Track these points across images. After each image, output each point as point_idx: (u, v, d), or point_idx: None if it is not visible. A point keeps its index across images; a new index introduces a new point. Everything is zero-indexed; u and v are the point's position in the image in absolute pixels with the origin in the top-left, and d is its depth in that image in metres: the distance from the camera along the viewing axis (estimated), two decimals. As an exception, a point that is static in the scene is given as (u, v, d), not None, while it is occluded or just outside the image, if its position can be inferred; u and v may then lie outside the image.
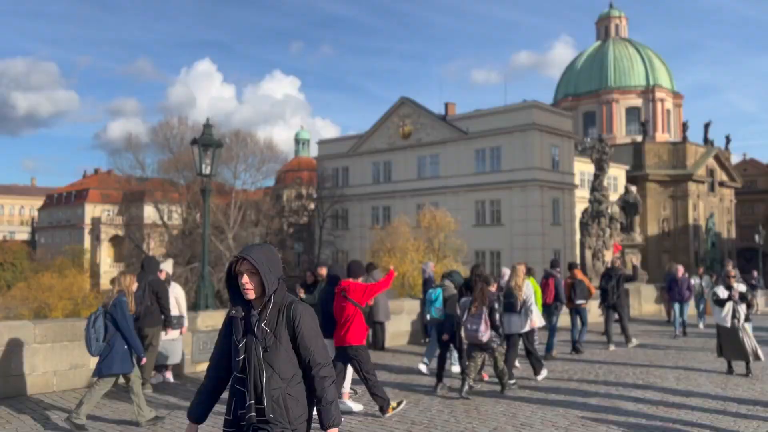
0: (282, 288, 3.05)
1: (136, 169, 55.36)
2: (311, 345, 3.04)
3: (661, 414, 7.40)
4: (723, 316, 10.08)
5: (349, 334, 7.08)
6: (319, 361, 3.04)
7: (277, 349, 2.99)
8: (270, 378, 2.97)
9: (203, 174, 11.17)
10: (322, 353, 3.07)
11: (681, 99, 69.90)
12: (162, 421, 6.83)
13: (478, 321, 8.16)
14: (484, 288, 8.40)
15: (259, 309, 3.03)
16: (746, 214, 73.95)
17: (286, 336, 3.01)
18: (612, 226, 24.62)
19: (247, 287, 2.98)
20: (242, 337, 3.03)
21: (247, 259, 2.97)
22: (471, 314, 8.25)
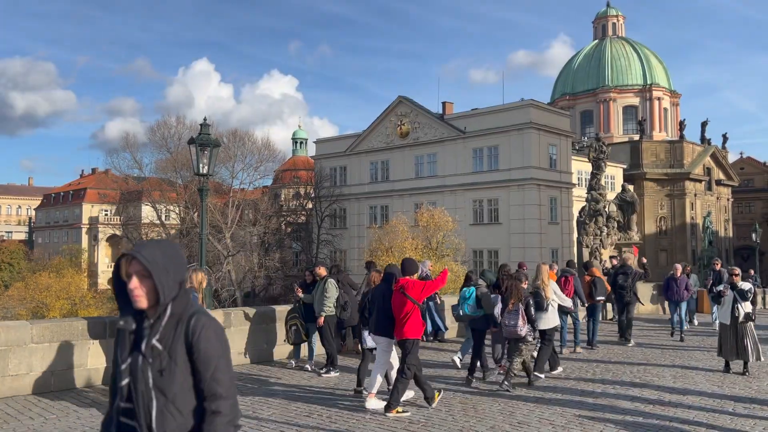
0: (184, 296, 2.46)
1: (133, 169, 55.38)
2: (210, 369, 2.36)
3: (658, 412, 7.43)
4: (723, 315, 10.09)
5: (406, 327, 7.38)
6: (217, 391, 2.36)
7: (173, 372, 2.35)
8: (162, 410, 2.33)
9: (200, 173, 11.17)
10: (225, 382, 2.39)
11: (678, 98, 70.01)
12: None
13: (516, 317, 8.65)
14: (518, 285, 8.88)
15: (152, 321, 2.42)
16: (743, 213, 74.12)
17: (183, 356, 2.38)
18: (609, 225, 24.66)
19: (136, 293, 2.37)
20: (127, 356, 2.42)
21: (136, 259, 2.36)
22: (508, 311, 8.76)
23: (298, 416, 7.19)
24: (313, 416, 7.19)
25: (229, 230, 47.51)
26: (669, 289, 14.89)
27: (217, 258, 46.10)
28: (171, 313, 2.41)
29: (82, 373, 8.50)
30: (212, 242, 44.86)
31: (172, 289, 2.40)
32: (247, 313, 10.67)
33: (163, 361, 2.35)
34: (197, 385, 2.39)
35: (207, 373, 2.37)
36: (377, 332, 7.73)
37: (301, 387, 8.85)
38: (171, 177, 52.63)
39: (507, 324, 8.75)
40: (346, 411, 7.44)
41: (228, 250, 46.55)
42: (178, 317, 2.42)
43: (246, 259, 48.82)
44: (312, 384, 9.06)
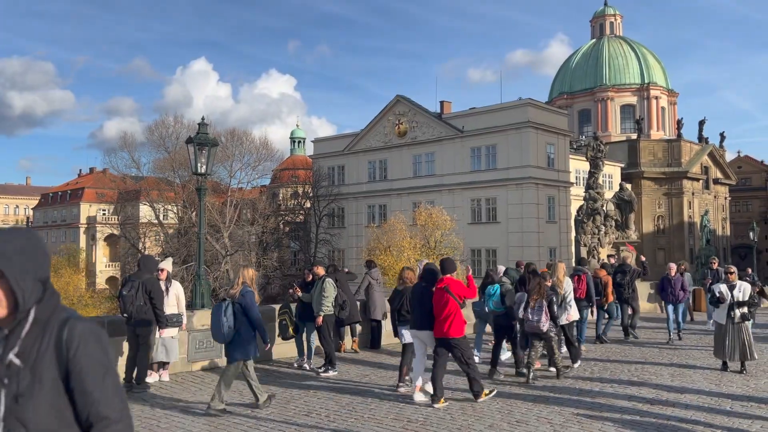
0: (51, 298, 1.94)
1: (131, 168, 55.31)
2: (95, 388, 1.86)
3: (656, 411, 7.44)
4: (719, 314, 10.13)
5: (452, 327, 7.64)
6: (105, 413, 1.85)
7: (36, 395, 1.83)
8: None
9: (199, 173, 11.17)
10: (115, 402, 1.88)
11: (676, 96, 70.07)
12: (274, 398, 7.72)
13: (540, 313, 9.08)
14: (542, 283, 9.32)
15: (7, 331, 1.88)
16: (741, 212, 74.24)
17: (52, 374, 1.86)
18: (607, 224, 24.69)
19: None
20: None
21: None
22: (531, 307, 9.16)
23: (297, 415, 7.20)
24: (311, 415, 7.20)
25: (227, 230, 47.47)
26: (664, 289, 14.07)
27: (215, 257, 46.06)
28: (34, 319, 1.89)
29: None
30: (210, 242, 44.82)
31: (33, 290, 1.87)
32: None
33: (23, 382, 1.82)
34: (77, 410, 1.86)
35: (92, 394, 1.85)
36: (420, 327, 8.00)
37: (299, 386, 8.85)
38: (169, 176, 52.58)
39: (530, 319, 9.10)
40: (345, 410, 7.45)
41: (226, 249, 46.51)
42: (44, 324, 1.89)
43: (244, 259, 48.76)
44: (311, 383, 9.07)
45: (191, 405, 7.66)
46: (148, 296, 8.34)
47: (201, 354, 9.92)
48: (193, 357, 9.83)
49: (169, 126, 52.72)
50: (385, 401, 7.89)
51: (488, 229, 44.12)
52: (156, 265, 9.07)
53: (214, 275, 43.42)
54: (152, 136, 52.85)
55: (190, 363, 9.80)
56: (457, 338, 7.65)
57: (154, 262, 9.25)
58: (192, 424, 6.80)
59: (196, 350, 9.86)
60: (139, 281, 8.40)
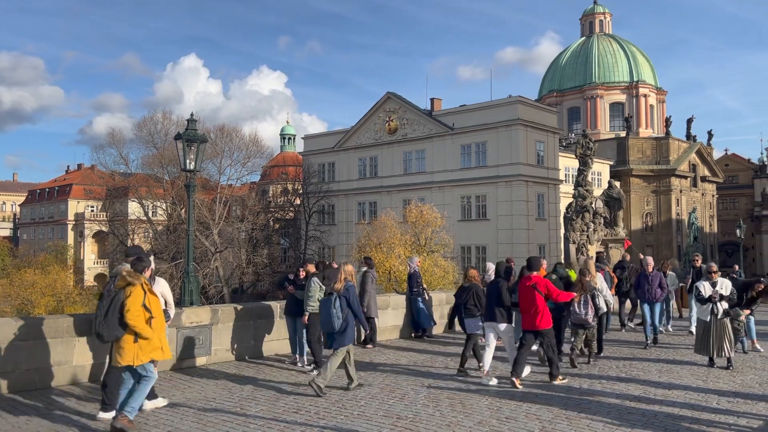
0: None
1: (119, 165, 54.98)
2: None
3: (644, 407, 7.50)
4: (703, 310, 10.24)
5: (543, 320, 8.88)
6: None
7: None
8: None
9: (187, 169, 11.09)
10: None
11: (664, 95, 70.50)
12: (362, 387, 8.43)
13: (587, 306, 10.33)
14: (584, 279, 10.60)
15: None
16: (728, 209, 74.85)
17: None
18: (596, 221, 24.81)
19: None
20: None
21: None
22: (578, 301, 10.30)
23: (286, 412, 7.19)
24: (301, 413, 7.19)
25: (217, 226, 47.27)
26: (640, 286, 12.72)
27: (204, 254, 45.88)
28: None
29: (67, 370, 8.43)
30: (200, 238, 44.63)
31: None
32: (234, 310, 10.64)
33: None
34: None
35: None
36: (499, 320, 9.14)
37: (289, 383, 8.84)
38: (158, 173, 52.32)
39: (578, 312, 10.35)
40: (335, 407, 7.45)
41: (215, 246, 46.31)
42: None
43: (234, 256, 48.64)
44: (300, 380, 9.06)
45: (180, 402, 7.63)
46: None
47: (189, 351, 9.87)
48: (182, 354, 9.78)
49: (158, 122, 52.47)
50: (374, 399, 7.90)
51: (478, 226, 44.24)
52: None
53: (203, 272, 43.26)
54: (141, 132, 52.58)
55: (178, 360, 9.75)
56: (546, 329, 8.92)
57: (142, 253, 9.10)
58: (180, 422, 6.77)
59: (184, 348, 9.81)
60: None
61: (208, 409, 7.32)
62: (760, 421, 6.92)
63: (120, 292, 6.34)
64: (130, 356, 6.26)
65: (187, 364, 9.85)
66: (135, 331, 6.23)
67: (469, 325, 9.79)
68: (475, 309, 9.60)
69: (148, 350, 6.32)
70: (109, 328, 6.23)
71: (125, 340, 6.28)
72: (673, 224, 56.51)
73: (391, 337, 13.43)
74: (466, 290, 9.88)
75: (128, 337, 6.27)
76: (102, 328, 6.23)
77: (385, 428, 6.56)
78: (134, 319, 6.21)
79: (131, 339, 6.26)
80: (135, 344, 6.26)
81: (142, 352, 6.28)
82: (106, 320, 6.24)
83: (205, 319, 10.13)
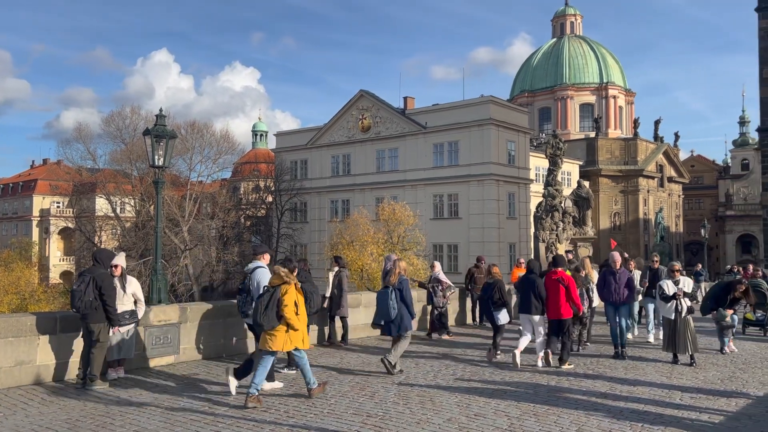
0: None
1: (87, 160, 53.89)
2: None
3: (610, 403, 7.63)
4: (668, 309, 10.45)
5: (563, 309, 10.01)
6: None
7: None
8: None
9: (156, 165, 10.95)
10: None
11: (633, 96, 71.78)
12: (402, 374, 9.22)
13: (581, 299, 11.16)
14: (577, 275, 11.58)
15: None
16: (693, 209, 76.62)
17: None
18: (565, 220, 25.16)
19: None
20: None
21: None
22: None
23: (255, 411, 7.14)
24: (270, 411, 7.15)
25: (187, 223, 46.67)
26: (606, 286, 11.34)
27: (173, 252, 45.25)
28: None
29: (31, 369, 8.25)
30: (169, 236, 44.02)
31: None
32: (203, 308, 10.52)
33: None
34: None
35: None
36: (533, 312, 10.20)
37: (258, 382, 8.76)
38: (126, 169, 51.41)
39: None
40: (305, 406, 7.42)
41: (185, 243, 45.72)
42: None
43: (204, 253, 48.09)
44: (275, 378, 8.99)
45: (147, 402, 7.52)
46: (98, 291, 8.09)
47: (158, 350, 9.74)
48: (150, 353, 9.65)
49: (127, 117, 51.56)
50: (345, 397, 7.89)
51: (450, 224, 44.50)
52: (111, 259, 8.82)
53: (172, 270, 42.66)
54: (108, 127, 51.63)
55: (146, 359, 9.61)
56: (568, 318, 10.09)
57: (110, 255, 9.00)
58: (148, 422, 6.68)
59: (152, 346, 9.67)
60: (91, 276, 8.16)
61: (176, 408, 7.23)
62: (721, 417, 7.10)
63: (276, 289, 7.46)
64: (280, 343, 7.47)
65: (155, 363, 9.72)
66: (287, 323, 7.42)
67: (497, 317, 10.90)
68: (501, 302, 10.88)
69: (295, 339, 7.55)
70: (269, 319, 7.36)
71: (279, 329, 7.45)
72: (640, 224, 57.61)
73: (362, 335, 13.43)
74: (491, 286, 11.09)
75: (281, 327, 7.45)
76: (263, 318, 7.37)
77: (354, 426, 6.56)
78: (289, 313, 7.40)
79: (283, 329, 7.46)
80: (286, 334, 7.48)
81: (290, 341, 7.52)
82: (266, 312, 7.37)
83: (173, 317, 10.00)
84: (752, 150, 70.81)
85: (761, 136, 33.09)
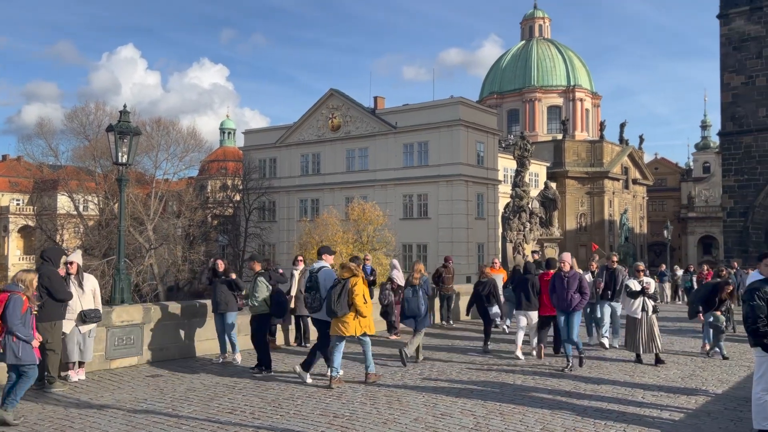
0: None
1: (48, 157, 52.51)
2: None
3: (574, 402, 7.73)
4: (634, 309, 10.53)
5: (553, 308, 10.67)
6: None
7: None
8: None
9: (120, 163, 10.73)
10: None
11: (599, 99, 73.00)
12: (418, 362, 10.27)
13: None
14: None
15: None
16: (657, 211, 78.21)
17: None
18: (532, 221, 25.42)
19: None
20: None
21: None
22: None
23: (221, 413, 7.04)
24: (235, 413, 7.06)
25: (152, 222, 45.88)
26: (555, 290, 10.17)
27: (138, 251, 44.45)
28: None
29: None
30: (133, 234, 43.22)
31: None
32: (168, 308, 10.34)
33: None
34: None
35: None
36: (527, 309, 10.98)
37: (224, 384, 8.66)
38: (90, 166, 50.23)
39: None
40: (270, 407, 7.35)
41: (150, 242, 44.95)
42: None
43: (169, 253, 47.32)
44: (236, 380, 8.90)
45: (108, 404, 7.36)
46: (46, 290, 7.83)
47: (120, 351, 9.54)
48: (111, 354, 9.44)
49: (91, 113, 50.38)
50: (311, 397, 7.84)
51: (419, 224, 44.65)
52: (60, 256, 8.54)
53: (137, 269, 41.90)
54: (72, 123, 50.36)
55: (108, 360, 9.41)
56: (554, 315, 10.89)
57: (60, 253, 8.72)
58: (109, 424, 6.52)
59: (114, 347, 9.47)
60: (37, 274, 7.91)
61: (138, 410, 7.09)
62: (681, 414, 7.25)
63: (347, 281, 8.41)
64: (351, 329, 8.46)
65: (117, 364, 9.52)
66: (357, 310, 8.41)
67: (490, 311, 12.24)
68: (494, 299, 12.32)
69: (363, 325, 8.58)
70: (341, 307, 8.35)
71: (349, 317, 8.43)
72: (605, 225, 58.61)
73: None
74: (484, 284, 12.40)
75: (351, 314, 8.44)
76: (336, 306, 8.33)
77: (320, 427, 6.51)
78: (359, 301, 8.40)
79: (353, 316, 8.45)
80: (355, 320, 8.45)
81: (359, 327, 8.52)
82: (339, 301, 8.34)
83: (136, 317, 9.80)
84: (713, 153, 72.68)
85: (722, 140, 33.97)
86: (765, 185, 30.99)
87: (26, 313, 6.67)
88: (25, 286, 6.77)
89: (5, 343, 6.56)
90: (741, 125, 31.76)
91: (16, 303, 6.58)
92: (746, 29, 31.66)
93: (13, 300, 6.58)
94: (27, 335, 6.61)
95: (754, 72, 31.38)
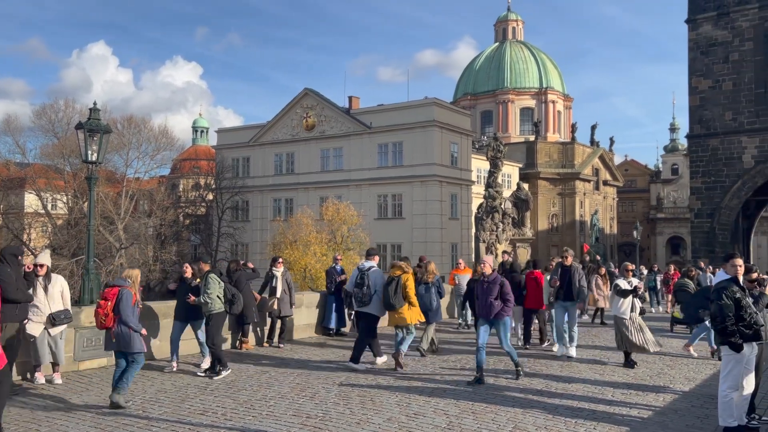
0: None
1: (15, 154, 51.29)
2: None
3: (545, 401, 7.83)
4: (622, 309, 10.19)
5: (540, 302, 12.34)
6: None
7: None
8: None
9: (89, 161, 10.54)
10: None
11: (571, 101, 73.99)
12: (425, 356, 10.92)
13: None
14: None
15: None
16: (626, 212, 79.48)
17: None
18: (505, 221, 25.68)
19: None
20: None
21: None
22: None
23: (192, 414, 6.97)
24: (207, 414, 6.99)
25: (122, 221, 45.15)
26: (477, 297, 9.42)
27: (108, 250, 43.69)
28: None
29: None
30: (103, 234, 42.49)
31: None
32: (138, 309, 10.16)
33: None
34: None
35: None
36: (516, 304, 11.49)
37: (195, 385, 8.57)
38: (58, 164, 49.22)
39: None
40: (243, 408, 7.29)
41: (120, 242, 44.23)
42: None
43: (140, 252, 46.60)
44: (208, 381, 8.81)
45: (76, 406, 7.23)
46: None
47: (89, 353, 9.37)
48: (80, 356, 9.27)
49: (60, 110, 49.36)
50: (284, 398, 7.80)
51: (394, 224, 44.73)
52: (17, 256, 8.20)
53: (107, 269, 41.16)
54: (40, 120, 49.28)
55: (76, 362, 9.23)
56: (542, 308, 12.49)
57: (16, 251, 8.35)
58: (77, 427, 6.41)
59: (83, 349, 9.30)
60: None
61: (107, 413, 6.98)
62: (650, 412, 7.39)
63: (399, 277, 9.65)
64: (408, 318, 9.81)
65: (85, 366, 9.35)
66: (410, 302, 9.76)
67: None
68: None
69: (415, 315, 9.97)
70: (399, 300, 9.61)
71: (404, 308, 9.75)
72: (576, 225, 59.40)
73: (304, 335, 13.32)
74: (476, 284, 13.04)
75: (406, 306, 9.76)
76: (395, 300, 9.58)
77: (294, 428, 6.49)
78: (411, 293, 9.78)
79: (407, 308, 9.77)
80: (409, 311, 9.80)
81: (413, 316, 9.89)
82: (396, 295, 9.60)
83: (106, 318, 9.62)
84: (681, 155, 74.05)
85: (690, 142, 34.65)
86: (731, 187, 31.72)
87: (135, 306, 7.47)
88: (132, 281, 7.59)
89: (118, 332, 7.31)
90: (708, 128, 32.45)
91: (128, 297, 7.39)
92: (713, 34, 32.36)
93: (125, 294, 7.39)
94: (137, 326, 7.40)
95: (720, 76, 32.07)
